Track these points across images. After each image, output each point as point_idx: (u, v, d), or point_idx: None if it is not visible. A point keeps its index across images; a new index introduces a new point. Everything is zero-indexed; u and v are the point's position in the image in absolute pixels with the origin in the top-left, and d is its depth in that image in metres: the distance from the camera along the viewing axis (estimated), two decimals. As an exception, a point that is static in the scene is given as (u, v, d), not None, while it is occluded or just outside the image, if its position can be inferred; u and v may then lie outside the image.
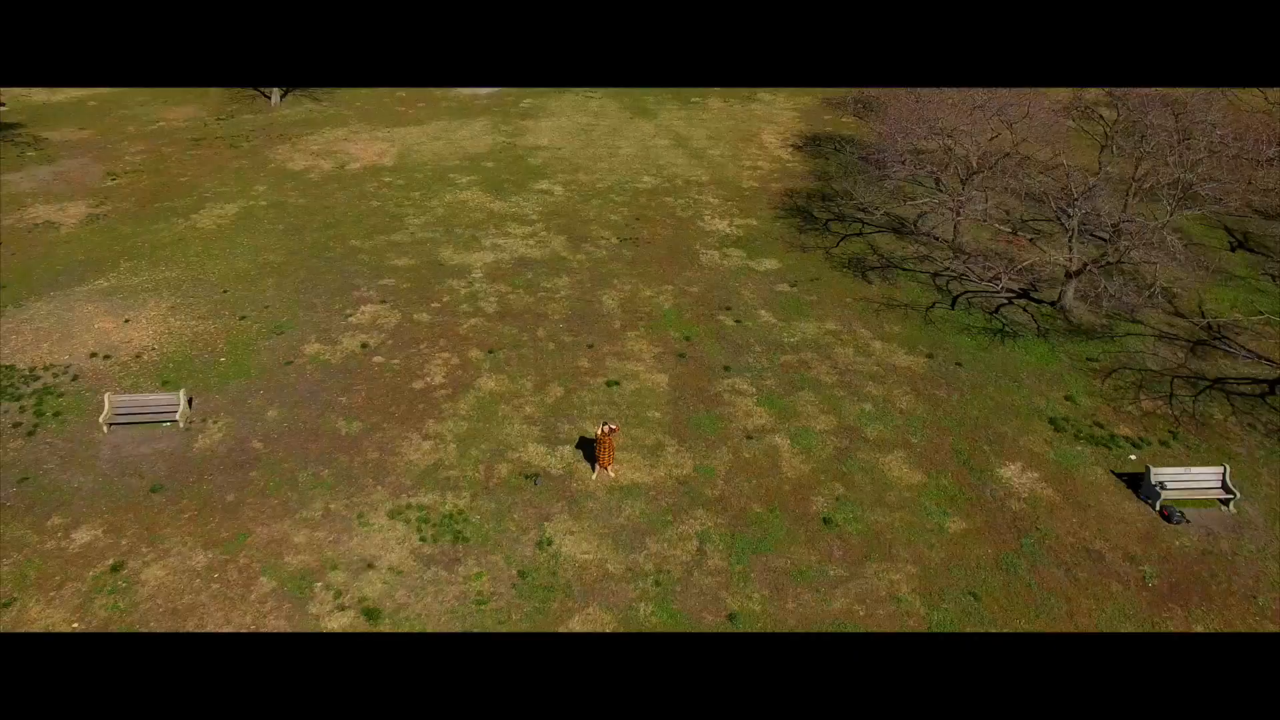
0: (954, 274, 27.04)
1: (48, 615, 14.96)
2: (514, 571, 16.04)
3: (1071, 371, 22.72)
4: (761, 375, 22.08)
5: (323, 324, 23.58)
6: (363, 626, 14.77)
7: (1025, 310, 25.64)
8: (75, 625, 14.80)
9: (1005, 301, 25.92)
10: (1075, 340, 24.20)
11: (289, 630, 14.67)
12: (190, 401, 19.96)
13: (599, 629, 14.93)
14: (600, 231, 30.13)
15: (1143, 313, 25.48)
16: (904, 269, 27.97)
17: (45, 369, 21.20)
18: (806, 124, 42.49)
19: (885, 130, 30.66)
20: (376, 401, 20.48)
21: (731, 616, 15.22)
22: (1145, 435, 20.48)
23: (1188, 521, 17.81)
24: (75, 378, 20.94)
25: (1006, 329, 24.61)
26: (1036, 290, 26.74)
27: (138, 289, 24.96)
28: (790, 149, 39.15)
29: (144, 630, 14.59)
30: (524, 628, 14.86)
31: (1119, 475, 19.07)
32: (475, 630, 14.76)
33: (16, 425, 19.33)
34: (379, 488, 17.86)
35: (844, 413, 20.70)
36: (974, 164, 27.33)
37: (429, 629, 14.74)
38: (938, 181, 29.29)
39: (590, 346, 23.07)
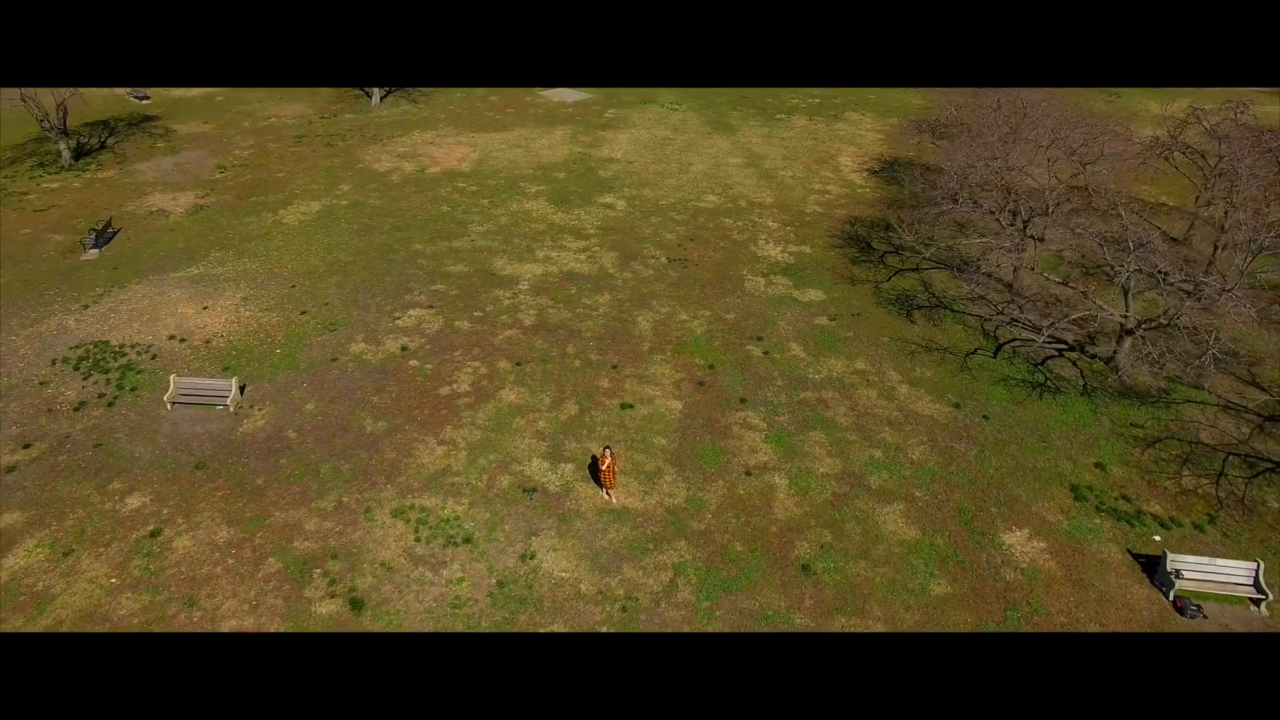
0: (1004, 320, 26.04)
1: (94, 568, 17.09)
2: (494, 581, 16.99)
3: (1110, 436, 21.55)
4: (776, 411, 22.15)
5: (372, 324, 25.37)
6: (347, 615, 16.09)
7: (1075, 365, 24.43)
8: (113, 580, 16.85)
9: (1054, 354, 24.77)
10: (1123, 403, 22.89)
11: (283, 609, 16.17)
12: (242, 389, 22.05)
13: (559, 647, 15.67)
14: (652, 250, 30.74)
15: (1210, 379, 23.76)
16: (953, 310, 27.15)
17: (131, 347, 23.90)
18: (889, 147, 41.54)
19: (947, 162, 29.75)
20: (404, 403, 21.95)
21: (689, 652, 15.59)
22: (1178, 515, 19.23)
23: (1204, 617, 16.69)
24: (154, 357, 23.51)
25: (1048, 384, 23.55)
26: (1094, 344, 25.38)
27: (220, 278, 27.61)
28: (865, 174, 38.43)
29: (164, 593, 16.45)
30: (487, 635, 15.79)
31: (1136, 556, 18.06)
32: (445, 631, 15.80)
33: (101, 395, 21.97)
34: (389, 486, 19.24)
35: (851, 458, 20.52)
36: (1041, 203, 26.20)
37: (404, 627, 15.91)
38: (1012, 215, 28.21)
39: (614, 367, 23.77)
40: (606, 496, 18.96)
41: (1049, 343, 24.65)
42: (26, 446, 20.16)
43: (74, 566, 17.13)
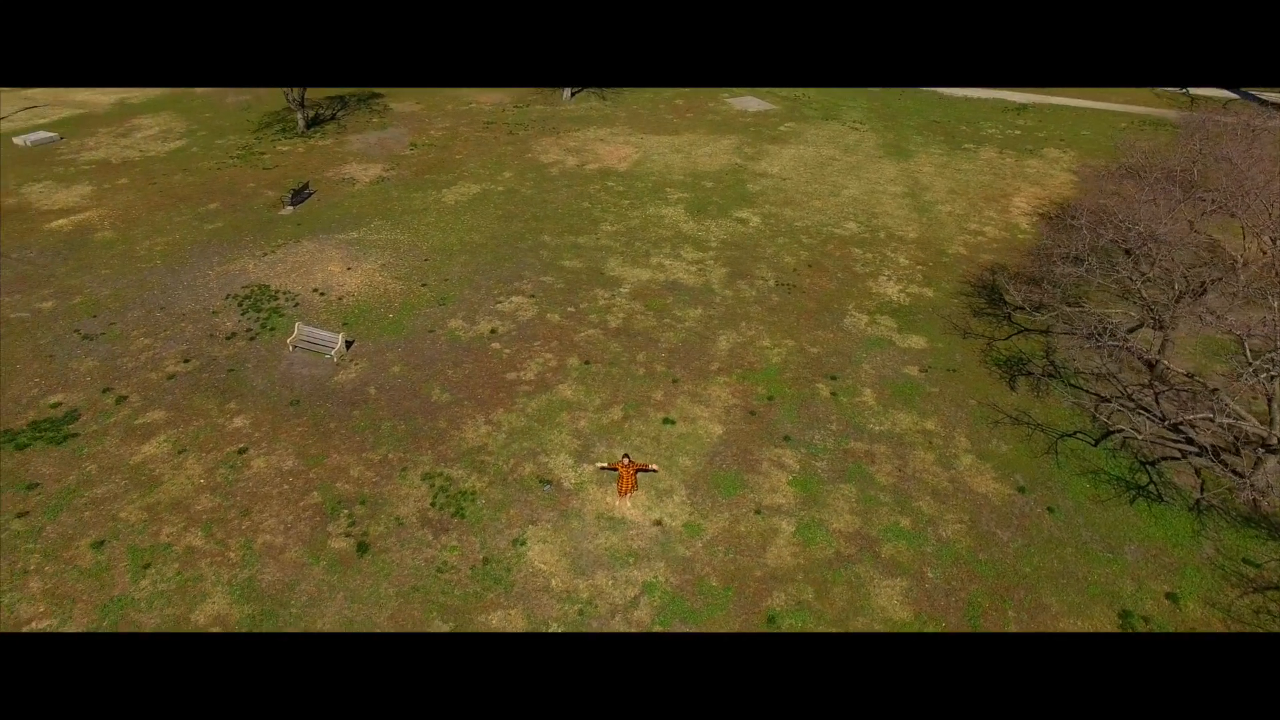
0: (1130, 406, 22.80)
1: (193, 468, 20.85)
2: (481, 557, 18.42)
3: (1206, 566, 18.37)
4: (816, 455, 21.39)
5: (475, 304, 27.82)
6: (351, 556, 18.32)
7: (1198, 474, 20.90)
8: (201, 481, 20.50)
9: (1176, 455, 21.35)
10: (1245, 530, 19.32)
11: (307, 536, 18.76)
12: (349, 344, 25.37)
13: (507, 630, 16.74)
14: (764, 272, 30.45)
15: (1380, 523, 19.28)
16: (1069, 384, 24.23)
17: (284, 293, 28.32)
18: (1079, 190, 37.24)
19: (1086, 217, 26.34)
20: (472, 381, 24.02)
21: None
22: (1253, 672, 16.10)
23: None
24: (296, 304, 27.68)
25: (1151, 488, 20.44)
26: (1235, 452, 21.49)
27: (371, 244, 31.62)
28: (1036, 217, 34.89)
29: (230, 500, 19.73)
30: (454, 602, 17.22)
31: None
32: (419, 589, 17.48)
33: (248, 330, 26.38)
34: (429, 451, 21.35)
35: (873, 520, 19.39)
36: (1219, 274, 22.54)
37: (390, 575, 17.82)
38: (1177, 285, 24.54)
39: (675, 381, 24.18)
40: (623, 501, 19.60)
41: (1176, 442, 21.31)
42: (186, 361, 24.83)
43: (181, 463, 21.03)
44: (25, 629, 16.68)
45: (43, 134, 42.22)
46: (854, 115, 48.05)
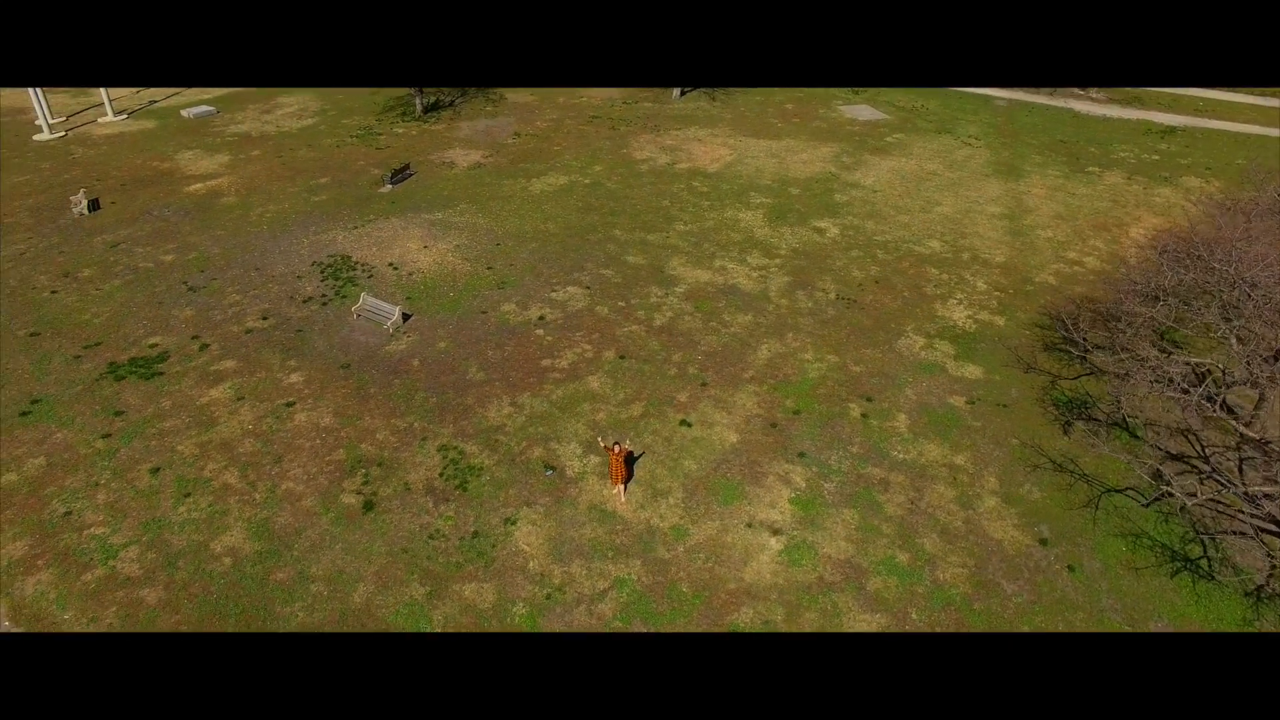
0: (1206, 472, 20.40)
1: (245, 415, 22.97)
2: (472, 530, 19.22)
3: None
4: (827, 476, 20.67)
5: (532, 290, 28.77)
6: (357, 512, 19.63)
7: (1271, 556, 18.42)
8: (249, 427, 22.58)
9: (1246, 533, 18.93)
10: (1304, 621, 16.94)
11: (324, 488, 20.27)
12: (405, 317, 26.98)
13: (480, 604, 17.39)
14: (827, 284, 29.56)
15: None
16: (1135, 436, 22.01)
17: (362, 265, 30.46)
18: (1210, 225, 33.39)
19: (1168, 252, 23.66)
20: (509, 364, 24.93)
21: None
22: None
23: None
24: (370, 276, 29.72)
25: (1203, 562, 18.29)
26: (1320, 536, 18.80)
27: (451, 225, 33.34)
28: (1149, 251, 31.68)
29: (269, 447, 21.62)
30: (436, 569, 18.09)
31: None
32: (408, 550, 18.49)
33: (323, 296, 28.62)
34: (451, 425, 22.41)
35: (868, 551, 18.54)
36: None
37: (386, 534, 18.95)
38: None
39: (703, 385, 24.04)
40: (617, 491, 19.86)
41: (1254, 516, 18.91)
42: (264, 319, 27.31)
43: (237, 409, 23.23)
44: (85, 532, 19.10)
45: (204, 108, 47.41)
46: (971, 130, 45.37)
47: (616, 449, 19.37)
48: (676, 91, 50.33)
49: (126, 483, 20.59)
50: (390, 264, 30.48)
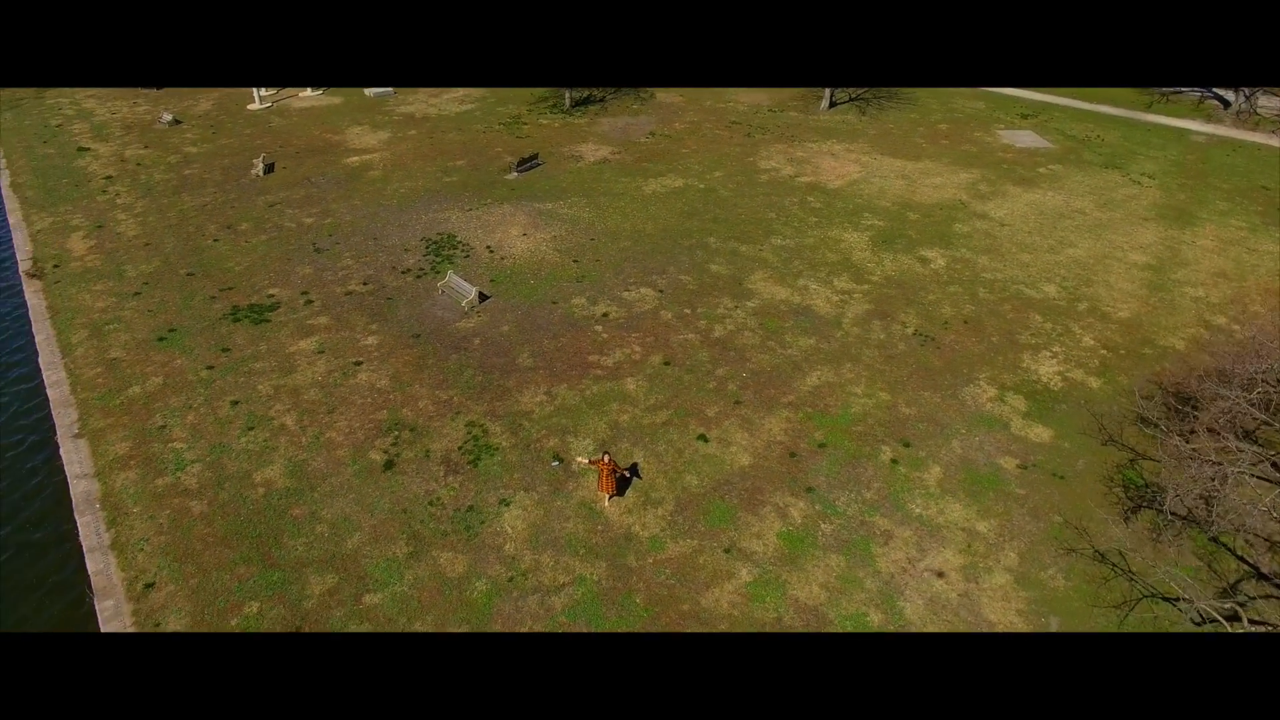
0: (1288, 591, 17.28)
1: (317, 368, 25.53)
2: (468, 504, 20.37)
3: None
4: (829, 517, 19.68)
5: (606, 287, 29.51)
6: (379, 470, 21.41)
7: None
8: (319, 379, 25.20)
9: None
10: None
11: (358, 441, 22.28)
12: (483, 298, 28.72)
13: (449, 573, 18.46)
14: (910, 318, 27.79)
15: None
16: (1217, 541, 18.92)
17: (463, 244, 32.68)
18: None
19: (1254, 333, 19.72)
20: (559, 355, 25.86)
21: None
22: None
23: None
24: (467, 256, 31.85)
25: None
26: None
27: (555, 216, 34.81)
28: (1323, 330, 26.71)
29: (329, 398, 24.06)
30: (424, 532, 19.40)
31: None
32: (406, 511, 19.95)
33: (420, 269, 31.11)
34: (486, 404, 23.71)
35: (843, 603, 17.51)
36: None
37: (394, 494, 20.55)
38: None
39: (737, 403, 23.62)
40: (607, 499, 20.23)
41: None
42: (365, 284, 30.22)
43: (314, 361, 25.98)
44: (169, 445, 22.41)
45: (385, 88, 52.61)
46: (1147, 166, 40.18)
47: (605, 459, 19.63)
48: (825, 102, 48.83)
49: (211, 410, 23.81)
50: (488, 246, 32.48)
